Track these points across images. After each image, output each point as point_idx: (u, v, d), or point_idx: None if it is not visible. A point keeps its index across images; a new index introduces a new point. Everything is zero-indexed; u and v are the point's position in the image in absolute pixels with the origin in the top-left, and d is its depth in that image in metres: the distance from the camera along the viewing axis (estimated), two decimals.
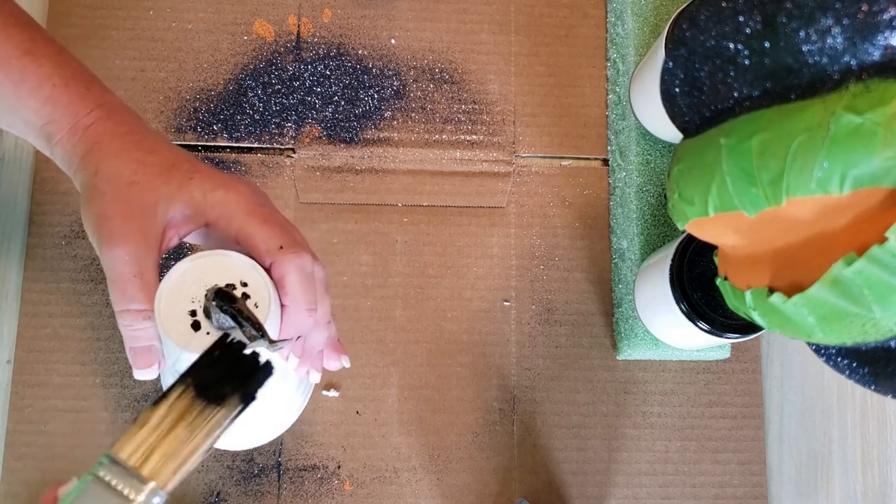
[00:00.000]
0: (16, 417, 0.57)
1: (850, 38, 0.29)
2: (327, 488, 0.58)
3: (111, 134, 0.35)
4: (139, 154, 0.35)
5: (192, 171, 0.35)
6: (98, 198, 0.34)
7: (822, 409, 0.57)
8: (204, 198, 0.35)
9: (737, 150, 0.33)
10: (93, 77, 0.37)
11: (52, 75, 0.35)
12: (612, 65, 0.65)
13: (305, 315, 0.34)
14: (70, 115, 0.35)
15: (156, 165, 0.35)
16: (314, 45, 0.64)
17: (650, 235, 0.58)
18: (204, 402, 0.28)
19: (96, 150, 0.35)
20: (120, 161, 0.34)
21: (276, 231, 0.34)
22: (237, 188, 0.35)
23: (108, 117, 0.36)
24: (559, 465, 0.59)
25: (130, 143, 0.35)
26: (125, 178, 0.34)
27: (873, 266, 0.29)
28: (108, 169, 0.34)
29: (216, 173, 0.36)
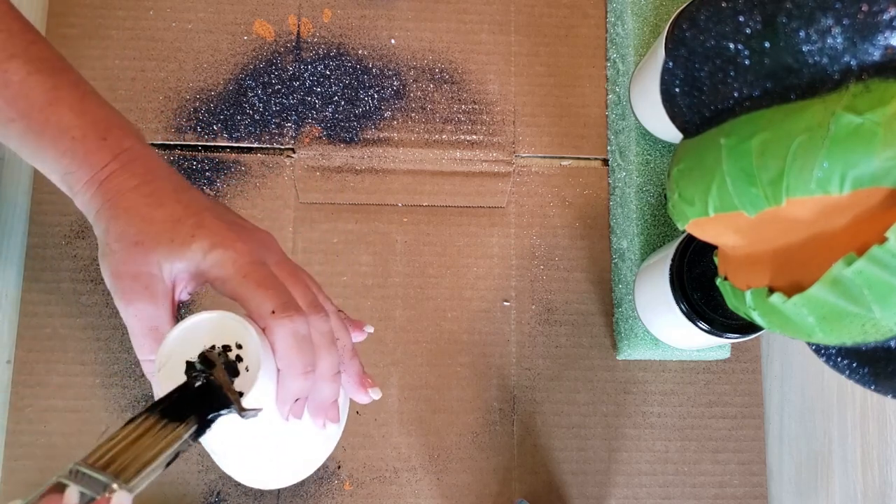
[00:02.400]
0: (16, 417, 0.57)
1: (850, 38, 0.29)
2: (327, 488, 0.58)
3: (122, 190, 0.36)
4: (146, 210, 0.36)
5: (195, 228, 0.35)
6: (109, 255, 0.35)
7: (822, 409, 0.57)
8: (203, 258, 0.35)
9: (737, 150, 0.33)
10: (113, 122, 0.38)
11: (72, 126, 0.36)
12: (612, 65, 0.65)
13: (301, 379, 0.35)
14: (86, 169, 0.36)
15: (161, 222, 0.35)
16: (314, 45, 0.64)
17: (650, 235, 0.58)
18: (167, 419, 0.31)
19: (108, 207, 0.36)
20: (128, 219, 0.35)
21: (269, 294, 0.35)
22: (235, 247, 0.35)
23: (123, 169, 0.36)
24: (559, 465, 0.59)
25: (140, 198, 0.36)
26: (131, 237, 0.35)
27: (873, 266, 0.29)
28: (117, 227, 0.35)
29: (219, 228, 0.36)
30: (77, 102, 0.37)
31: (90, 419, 0.57)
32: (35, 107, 0.36)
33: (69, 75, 0.38)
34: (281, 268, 0.37)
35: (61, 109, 0.36)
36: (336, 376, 0.38)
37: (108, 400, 0.58)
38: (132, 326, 0.35)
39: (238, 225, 0.38)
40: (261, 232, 0.39)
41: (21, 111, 0.36)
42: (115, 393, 0.58)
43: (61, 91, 0.37)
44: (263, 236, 0.39)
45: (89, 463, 0.28)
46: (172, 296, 0.36)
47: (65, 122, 0.36)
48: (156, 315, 0.35)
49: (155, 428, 0.30)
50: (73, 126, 0.36)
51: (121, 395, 0.58)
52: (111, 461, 0.28)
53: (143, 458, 0.29)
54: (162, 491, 0.57)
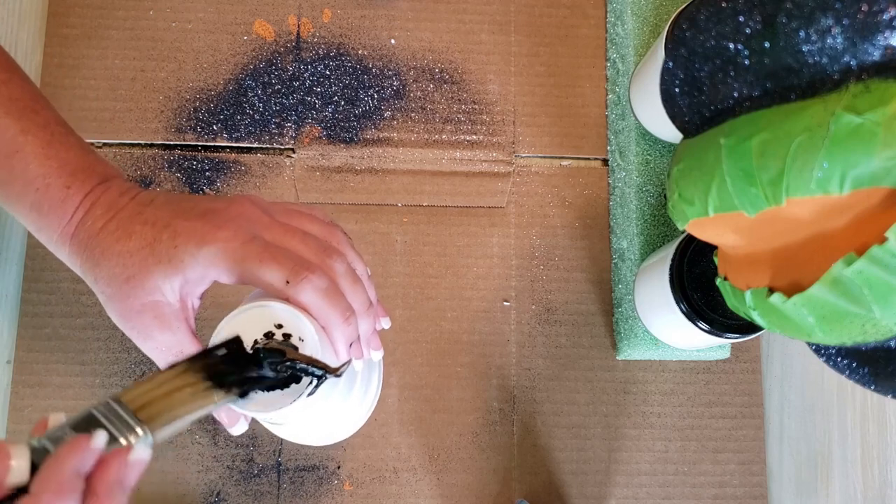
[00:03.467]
0: (16, 417, 0.57)
1: (850, 38, 0.29)
2: (327, 488, 0.58)
3: (91, 235, 0.36)
4: (119, 245, 0.35)
5: (173, 238, 0.35)
6: (109, 301, 0.35)
7: (822, 409, 0.57)
8: (196, 261, 0.34)
9: (737, 150, 0.33)
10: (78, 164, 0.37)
11: (36, 177, 0.36)
12: (612, 65, 0.65)
13: (345, 325, 0.35)
14: (55, 224, 0.36)
15: (139, 250, 0.35)
16: (314, 45, 0.64)
17: (650, 235, 0.58)
18: (210, 382, 0.30)
19: (86, 258, 0.36)
20: (107, 262, 0.35)
21: (274, 266, 0.34)
22: (219, 236, 0.34)
23: (87, 215, 0.36)
24: (559, 465, 0.59)
25: (109, 237, 0.36)
26: (119, 277, 0.35)
27: (873, 266, 0.29)
28: (102, 274, 0.35)
29: (194, 227, 0.35)
30: (42, 147, 0.36)
31: None
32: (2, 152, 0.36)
33: (39, 116, 0.37)
34: (273, 230, 0.36)
35: (26, 158, 0.36)
36: (370, 308, 0.38)
37: None
38: (158, 360, 0.35)
39: (211, 212, 0.36)
40: (236, 206, 0.37)
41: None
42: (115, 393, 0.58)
43: (28, 135, 0.36)
44: (241, 209, 0.37)
45: (125, 401, 0.28)
46: (186, 314, 0.36)
47: (29, 173, 0.36)
48: (176, 341, 0.35)
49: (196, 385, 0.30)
50: (37, 176, 0.36)
51: None
52: (144, 405, 0.29)
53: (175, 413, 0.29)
54: (162, 490, 0.57)
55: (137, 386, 0.29)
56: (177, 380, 0.30)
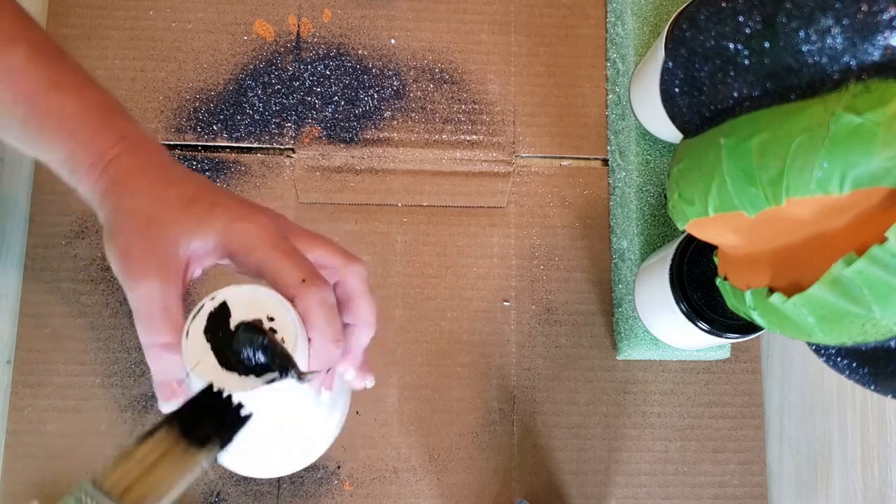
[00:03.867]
0: (16, 417, 0.57)
1: (850, 38, 0.29)
2: (327, 488, 0.58)
3: (130, 169, 0.35)
4: (158, 189, 0.35)
5: (212, 204, 0.35)
6: (119, 234, 0.34)
7: (822, 409, 0.57)
8: (225, 230, 0.34)
9: (737, 150, 0.33)
10: (116, 108, 0.38)
11: (75, 111, 0.36)
12: (612, 65, 0.65)
13: (332, 346, 0.35)
14: (91, 152, 0.35)
15: (175, 199, 0.35)
16: (314, 45, 0.64)
17: (650, 235, 0.58)
18: (187, 442, 0.29)
19: (116, 187, 0.35)
20: (139, 197, 0.35)
21: (297, 263, 0.34)
22: (258, 220, 0.35)
23: (129, 151, 0.36)
24: (559, 465, 0.59)
25: (150, 178, 0.35)
26: (144, 213, 0.34)
27: (873, 266, 0.29)
28: (128, 206, 0.34)
29: (237, 204, 0.36)
30: (79, 88, 0.36)
31: (90, 419, 0.57)
32: (38, 90, 0.35)
33: (68, 62, 0.37)
34: (300, 237, 0.37)
35: (64, 94, 0.36)
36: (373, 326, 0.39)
37: (108, 400, 0.58)
38: (141, 308, 0.34)
39: (251, 202, 0.37)
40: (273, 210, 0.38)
41: (24, 95, 0.35)
42: (115, 393, 0.58)
43: (63, 76, 0.36)
44: (277, 213, 0.38)
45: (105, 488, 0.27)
46: (185, 275, 0.35)
47: (68, 106, 0.35)
48: (166, 294, 0.34)
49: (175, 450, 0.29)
50: (77, 110, 0.36)
51: (121, 395, 0.58)
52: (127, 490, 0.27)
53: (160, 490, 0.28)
54: None
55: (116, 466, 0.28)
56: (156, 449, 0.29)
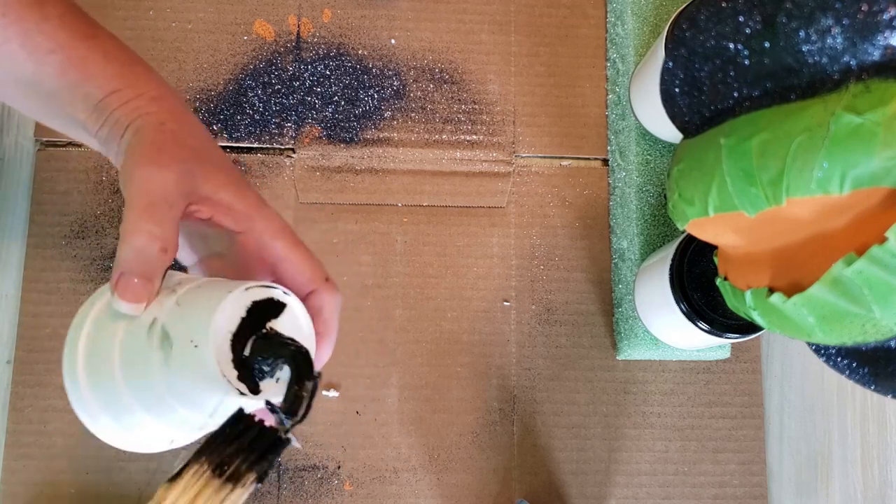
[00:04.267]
0: (16, 417, 0.57)
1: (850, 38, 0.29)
2: (327, 488, 0.58)
3: (181, 110, 0.35)
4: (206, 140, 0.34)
5: (247, 183, 0.35)
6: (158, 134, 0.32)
7: (822, 409, 0.57)
8: (257, 206, 0.34)
9: (737, 150, 0.33)
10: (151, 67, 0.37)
11: (119, 56, 0.35)
12: (612, 65, 0.65)
13: (330, 349, 0.35)
14: (138, 88, 0.34)
15: (218, 156, 0.34)
16: (314, 45, 0.64)
17: (650, 235, 0.58)
18: (220, 480, 0.28)
19: (166, 114, 0.34)
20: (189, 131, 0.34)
21: (319, 262, 0.35)
22: (281, 217, 0.35)
23: (175, 98, 0.35)
24: (559, 465, 0.59)
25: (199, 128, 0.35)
26: (190, 143, 0.33)
27: (873, 266, 0.29)
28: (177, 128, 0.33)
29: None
30: (116, 41, 0.36)
31: None
32: (76, 37, 0.34)
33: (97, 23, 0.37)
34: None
35: (104, 40, 0.35)
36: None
37: None
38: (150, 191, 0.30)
39: None
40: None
41: (62, 42, 0.34)
42: None
43: (98, 29, 0.36)
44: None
45: None
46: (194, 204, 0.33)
47: (111, 53, 0.35)
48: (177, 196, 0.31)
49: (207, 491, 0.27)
50: (122, 56, 0.35)
51: None
52: None
53: None
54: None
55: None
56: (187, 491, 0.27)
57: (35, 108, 0.36)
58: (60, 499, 0.56)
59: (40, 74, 0.34)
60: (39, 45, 0.33)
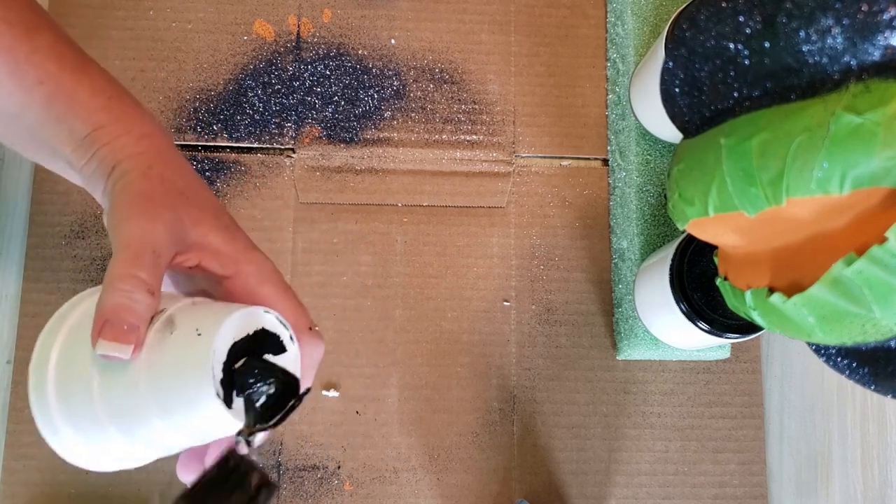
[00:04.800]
0: (16, 417, 0.57)
1: (850, 38, 0.29)
2: (327, 488, 0.58)
3: (169, 149, 0.34)
4: (195, 182, 0.34)
5: (236, 226, 0.35)
6: (145, 181, 0.32)
7: (822, 409, 0.57)
8: (245, 250, 0.34)
9: (737, 151, 0.33)
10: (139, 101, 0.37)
11: (106, 89, 0.35)
12: (612, 65, 0.65)
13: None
14: (125, 123, 0.34)
15: (207, 199, 0.34)
16: (314, 45, 0.64)
17: (650, 235, 0.58)
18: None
19: (153, 155, 0.33)
20: (177, 174, 0.33)
21: (305, 310, 0.34)
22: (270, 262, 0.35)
23: (163, 135, 0.35)
24: (559, 465, 0.59)
25: (188, 169, 0.35)
26: (178, 186, 0.33)
27: (873, 266, 0.29)
28: (165, 172, 0.33)
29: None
30: (105, 73, 0.36)
31: None
32: (65, 69, 0.34)
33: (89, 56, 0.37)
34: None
35: (92, 73, 0.35)
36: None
37: None
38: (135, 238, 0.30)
39: None
40: None
41: (51, 73, 0.33)
42: None
43: (88, 61, 0.35)
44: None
45: None
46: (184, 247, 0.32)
47: (98, 85, 0.34)
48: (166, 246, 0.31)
49: None
50: (108, 88, 0.35)
51: None
52: None
53: None
54: (161, 490, 0.57)
55: None
56: None
57: (19, 140, 0.35)
58: (60, 499, 0.56)
59: (27, 106, 0.33)
60: (27, 74, 0.33)
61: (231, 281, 0.34)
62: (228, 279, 0.34)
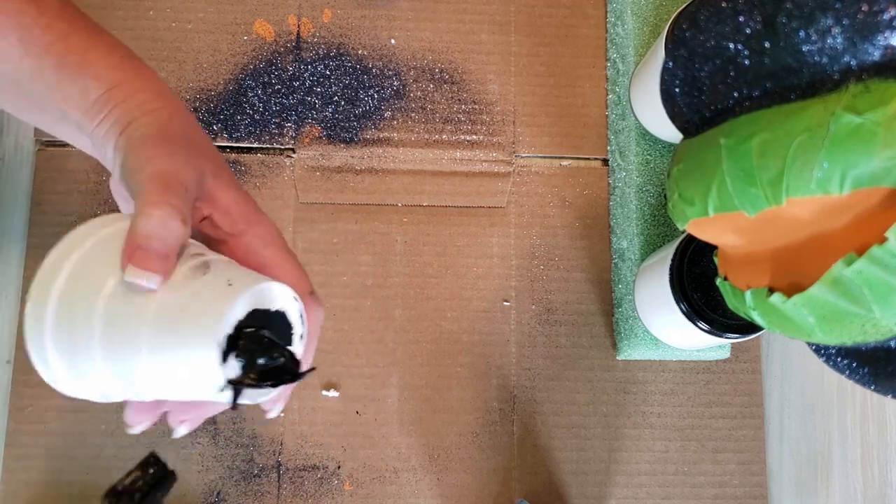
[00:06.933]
0: (16, 417, 0.57)
1: (850, 38, 0.29)
2: (327, 488, 0.58)
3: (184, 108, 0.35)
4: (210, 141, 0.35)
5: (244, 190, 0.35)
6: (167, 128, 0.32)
7: (822, 409, 0.57)
8: (255, 211, 0.34)
9: (737, 151, 0.33)
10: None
11: (119, 48, 0.35)
12: (612, 65, 0.65)
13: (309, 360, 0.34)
14: (142, 80, 0.34)
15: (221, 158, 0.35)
16: (314, 45, 0.64)
17: (650, 235, 0.58)
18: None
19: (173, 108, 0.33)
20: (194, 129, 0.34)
21: (306, 274, 0.35)
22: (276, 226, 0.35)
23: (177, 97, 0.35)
24: (559, 465, 0.59)
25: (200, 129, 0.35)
26: (198, 142, 0.33)
27: (873, 266, 0.29)
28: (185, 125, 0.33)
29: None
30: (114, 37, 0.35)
31: (90, 419, 0.57)
32: (75, 30, 0.33)
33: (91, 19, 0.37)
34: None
35: (104, 35, 0.34)
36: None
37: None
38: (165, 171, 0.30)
39: None
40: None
41: (63, 32, 0.33)
42: None
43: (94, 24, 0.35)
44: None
45: None
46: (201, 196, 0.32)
47: (111, 44, 0.34)
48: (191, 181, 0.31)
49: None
50: (122, 48, 0.34)
51: None
52: None
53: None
54: None
55: None
56: None
57: (26, 105, 0.35)
58: (60, 499, 0.56)
59: (38, 70, 0.33)
60: (38, 38, 0.33)
61: (236, 239, 0.34)
62: (234, 237, 0.34)
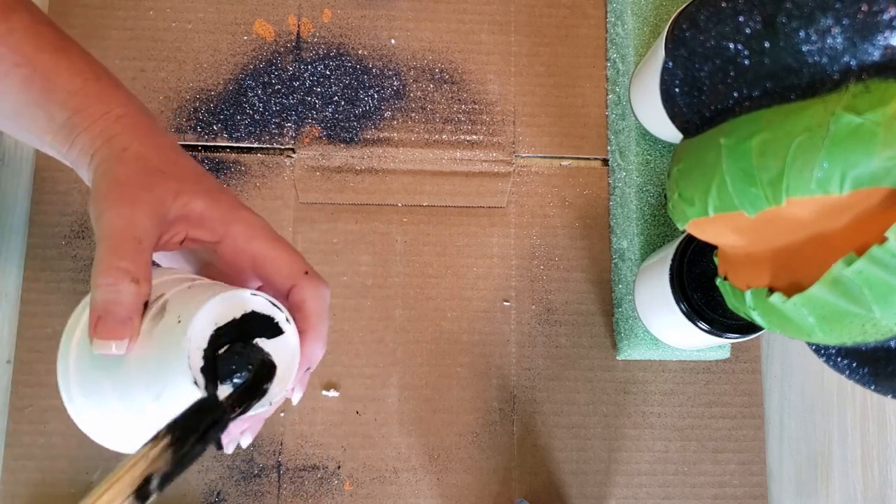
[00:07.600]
0: (16, 417, 0.57)
1: (850, 38, 0.29)
2: (327, 488, 0.58)
3: (146, 127, 0.34)
4: (173, 154, 0.34)
5: (221, 188, 0.35)
6: (121, 166, 0.32)
7: (822, 409, 0.57)
8: (231, 210, 0.33)
9: (737, 150, 0.33)
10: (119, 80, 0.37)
11: (84, 70, 0.34)
12: (612, 65, 0.65)
13: (320, 346, 0.33)
14: (102, 105, 0.34)
15: (186, 166, 0.34)
16: (314, 45, 0.64)
17: (650, 235, 0.58)
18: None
19: (129, 135, 0.33)
20: (153, 150, 0.33)
21: (299, 256, 0.34)
22: (256, 216, 0.35)
23: (141, 113, 0.35)
24: (559, 465, 0.59)
25: (165, 142, 0.34)
26: (155, 164, 0.33)
27: (873, 266, 0.29)
28: (140, 150, 0.33)
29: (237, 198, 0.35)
30: (84, 54, 0.35)
31: None
32: (43, 50, 0.33)
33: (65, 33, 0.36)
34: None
35: (71, 56, 0.34)
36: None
37: None
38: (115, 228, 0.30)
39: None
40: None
41: (27, 55, 0.33)
42: None
43: (68, 42, 0.35)
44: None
45: None
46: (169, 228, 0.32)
47: (76, 67, 0.34)
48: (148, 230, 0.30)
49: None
50: (86, 70, 0.34)
51: None
52: None
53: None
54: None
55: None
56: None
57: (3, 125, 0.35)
58: (60, 499, 0.56)
59: (5, 91, 0.33)
60: (4, 57, 0.32)
61: (222, 245, 0.34)
62: (219, 244, 0.34)
